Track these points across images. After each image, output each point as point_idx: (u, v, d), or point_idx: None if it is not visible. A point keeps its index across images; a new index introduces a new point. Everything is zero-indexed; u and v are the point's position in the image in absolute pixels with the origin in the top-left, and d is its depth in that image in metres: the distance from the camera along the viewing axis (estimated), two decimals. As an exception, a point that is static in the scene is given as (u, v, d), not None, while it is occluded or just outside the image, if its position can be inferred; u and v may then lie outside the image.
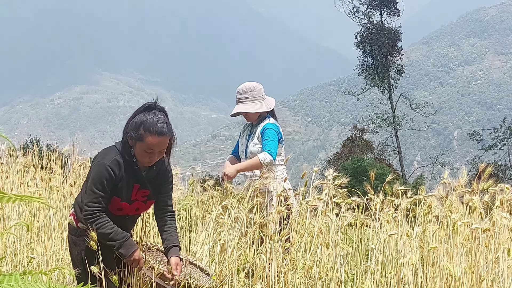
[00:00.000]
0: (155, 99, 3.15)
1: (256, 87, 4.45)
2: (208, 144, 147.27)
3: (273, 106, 4.50)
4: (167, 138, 3.07)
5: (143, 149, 3.05)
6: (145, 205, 3.23)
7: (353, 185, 4.14)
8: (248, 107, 4.43)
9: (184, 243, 4.46)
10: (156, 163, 3.17)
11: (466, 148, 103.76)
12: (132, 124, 3.06)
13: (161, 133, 3.02)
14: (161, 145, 3.06)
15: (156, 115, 3.06)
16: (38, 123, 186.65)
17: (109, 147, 3.19)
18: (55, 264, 4.21)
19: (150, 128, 3.01)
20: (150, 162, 3.11)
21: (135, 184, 3.14)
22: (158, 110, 3.10)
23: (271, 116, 4.51)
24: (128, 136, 3.07)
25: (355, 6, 33.51)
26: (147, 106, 3.10)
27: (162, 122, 3.04)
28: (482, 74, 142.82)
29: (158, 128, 3.02)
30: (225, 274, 3.56)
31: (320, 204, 3.72)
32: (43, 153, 6.00)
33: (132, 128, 3.05)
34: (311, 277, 3.48)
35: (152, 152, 3.06)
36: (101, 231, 3.00)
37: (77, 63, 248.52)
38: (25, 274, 2.31)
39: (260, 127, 4.43)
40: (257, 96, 4.42)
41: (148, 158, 3.09)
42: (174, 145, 3.19)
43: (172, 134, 3.10)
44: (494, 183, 3.55)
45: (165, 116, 3.10)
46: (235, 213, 3.81)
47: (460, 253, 3.33)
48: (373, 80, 32.06)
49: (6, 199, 2.16)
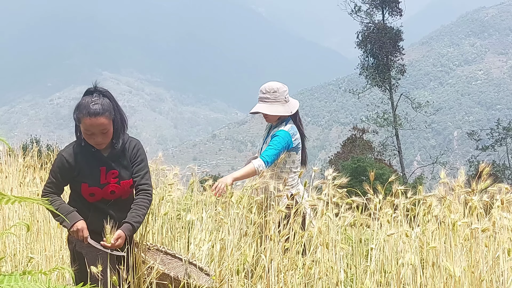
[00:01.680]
0: (95, 83, 3.19)
1: (280, 89, 4.25)
2: (208, 144, 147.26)
3: (295, 110, 4.31)
4: (101, 118, 3.07)
5: (84, 131, 3.13)
6: (120, 186, 3.21)
7: (353, 185, 4.13)
8: (267, 108, 4.25)
9: (184, 243, 4.45)
10: (117, 142, 3.19)
11: (466, 148, 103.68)
12: (74, 108, 3.14)
13: (92, 114, 3.06)
14: (97, 125, 3.08)
15: (93, 97, 3.11)
16: (38, 123, 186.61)
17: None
18: (54, 264, 4.21)
19: (83, 109, 3.08)
20: (97, 143, 3.15)
21: (101, 167, 3.17)
22: (98, 92, 3.14)
23: (292, 120, 4.33)
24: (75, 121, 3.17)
25: (357, 5, 33.55)
26: (87, 90, 3.17)
27: (96, 103, 3.08)
28: (482, 74, 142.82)
29: (90, 109, 3.07)
30: (224, 274, 3.56)
31: (320, 204, 3.72)
32: (42, 153, 6.00)
33: (73, 113, 3.13)
34: (311, 277, 3.48)
35: (92, 133, 3.10)
36: (50, 209, 3.01)
37: (77, 63, 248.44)
38: (25, 274, 2.31)
39: (275, 131, 4.28)
40: (279, 98, 4.24)
41: (92, 139, 3.13)
42: (122, 124, 3.20)
43: (109, 114, 3.10)
44: (493, 183, 3.54)
45: (102, 97, 3.13)
46: (235, 212, 3.81)
47: (460, 253, 3.33)
48: (374, 80, 32.08)
49: (6, 200, 2.16)
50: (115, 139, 3.19)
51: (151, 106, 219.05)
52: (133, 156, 3.25)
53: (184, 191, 4.73)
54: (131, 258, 3.30)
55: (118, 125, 3.18)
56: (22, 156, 5.63)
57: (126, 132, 3.31)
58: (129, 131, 3.33)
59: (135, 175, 3.24)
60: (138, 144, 3.29)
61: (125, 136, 3.26)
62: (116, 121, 3.17)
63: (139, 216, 3.16)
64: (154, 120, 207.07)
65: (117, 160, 3.21)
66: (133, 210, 3.18)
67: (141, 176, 3.24)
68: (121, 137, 3.21)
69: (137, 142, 3.30)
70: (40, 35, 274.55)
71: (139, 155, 3.26)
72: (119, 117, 3.19)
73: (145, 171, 3.26)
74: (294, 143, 4.26)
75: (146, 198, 3.22)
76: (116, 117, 3.17)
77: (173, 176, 4.35)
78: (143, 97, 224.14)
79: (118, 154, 3.21)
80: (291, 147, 4.24)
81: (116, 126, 3.17)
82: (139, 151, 3.27)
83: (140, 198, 3.21)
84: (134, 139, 3.31)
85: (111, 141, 3.19)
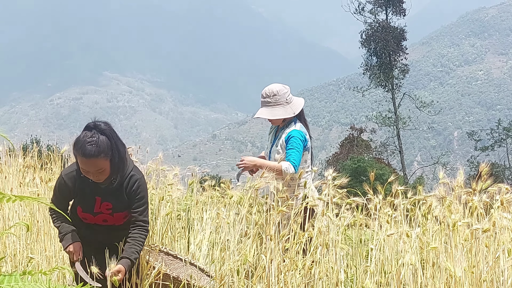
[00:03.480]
0: (93, 119, 3.14)
1: (280, 91, 4.20)
2: (208, 144, 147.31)
3: (299, 110, 4.25)
4: (96, 160, 3.00)
5: (81, 168, 3.08)
6: (113, 217, 3.23)
7: (353, 185, 4.13)
8: (268, 113, 4.21)
9: (184, 243, 4.45)
10: (115, 179, 3.15)
11: (466, 148, 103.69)
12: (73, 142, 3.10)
13: (85, 155, 2.99)
14: (90, 166, 3.02)
15: (91, 135, 3.02)
16: (38, 123, 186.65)
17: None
18: (55, 264, 4.21)
19: (78, 149, 3.01)
20: (93, 179, 3.12)
21: (97, 197, 3.18)
22: (97, 129, 3.05)
23: (298, 120, 4.28)
24: None
25: (361, 4, 33.57)
26: (87, 125, 3.09)
27: (91, 143, 2.99)
28: (482, 74, 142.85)
29: (84, 150, 2.99)
30: (224, 274, 3.56)
31: (320, 204, 3.72)
32: (42, 153, 5.99)
33: (72, 147, 3.09)
34: (311, 278, 3.48)
35: (87, 171, 3.06)
36: (54, 226, 3.31)
37: (77, 63, 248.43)
38: (25, 275, 2.31)
39: (285, 133, 4.20)
40: (280, 101, 4.19)
41: (89, 176, 3.10)
42: (121, 161, 3.12)
43: (105, 155, 3.02)
44: (493, 183, 3.54)
45: (100, 135, 3.03)
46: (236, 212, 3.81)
47: (460, 253, 3.33)
48: (377, 79, 32.09)
49: (6, 199, 2.16)
50: (113, 176, 3.14)
51: (151, 106, 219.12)
52: (133, 193, 3.19)
53: (184, 191, 4.73)
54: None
55: (115, 164, 3.10)
56: (22, 156, 5.62)
57: (134, 165, 3.28)
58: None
59: (134, 211, 3.21)
60: (140, 180, 3.21)
61: (127, 169, 3.19)
62: (113, 160, 3.07)
63: (137, 252, 3.17)
64: (154, 120, 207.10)
65: (114, 193, 3.18)
66: (132, 245, 3.17)
67: (140, 213, 3.21)
68: (120, 174, 3.16)
69: (138, 178, 3.21)
70: (40, 35, 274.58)
71: (139, 192, 3.20)
72: (117, 155, 3.09)
73: (144, 207, 3.23)
74: (307, 142, 4.24)
75: (143, 233, 3.21)
76: (114, 156, 3.07)
77: (173, 176, 4.35)
78: (143, 97, 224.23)
79: (116, 188, 3.18)
80: (306, 145, 4.22)
81: (113, 165, 3.09)
82: (140, 188, 3.20)
83: (138, 234, 3.20)
84: (137, 174, 3.22)
85: (110, 176, 3.16)
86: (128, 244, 3.18)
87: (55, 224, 3.27)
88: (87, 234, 3.28)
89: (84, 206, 3.21)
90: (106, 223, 3.25)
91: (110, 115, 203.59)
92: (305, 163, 4.26)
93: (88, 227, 3.27)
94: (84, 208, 3.21)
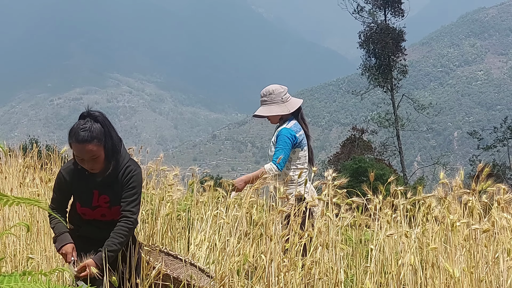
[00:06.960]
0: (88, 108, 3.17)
1: (276, 91, 4.46)
2: (208, 144, 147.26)
3: (295, 108, 4.45)
4: (89, 145, 3.03)
5: (75, 156, 3.12)
6: (110, 211, 3.23)
7: (354, 186, 4.14)
8: (264, 111, 4.46)
9: (184, 243, 4.46)
10: (111, 168, 3.14)
11: (466, 148, 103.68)
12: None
13: (79, 141, 3.03)
14: (85, 152, 3.04)
15: (84, 122, 3.07)
16: (38, 124, 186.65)
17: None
18: (54, 264, 4.21)
19: (72, 136, 3.06)
20: (88, 168, 3.12)
21: (94, 190, 3.19)
22: (90, 117, 3.09)
23: (294, 118, 4.47)
24: None
25: (359, 5, 33.53)
26: (81, 114, 3.14)
27: (85, 130, 3.04)
28: (482, 74, 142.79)
29: (77, 135, 3.04)
30: (224, 274, 3.56)
31: (320, 205, 3.72)
32: (42, 153, 6.00)
33: (67, 137, 3.13)
34: (311, 278, 3.48)
35: (82, 159, 3.08)
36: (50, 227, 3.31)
37: (78, 64, 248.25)
38: (25, 275, 2.31)
39: (277, 132, 4.42)
40: (275, 99, 4.43)
41: (83, 164, 3.11)
42: (114, 149, 3.12)
43: (98, 140, 3.05)
44: (492, 183, 3.55)
45: (93, 122, 3.07)
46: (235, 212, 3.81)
47: (460, 254, 3.33)
48: (376, 80, 32.08)
49: (4, 202, 2.16)
50: (107, 166, 3.14)
51: (151, 106, 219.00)
52: (125, 183, 3.17)
53: (184, 191, 4.74)
54: (134, 259, 3.31)
55: (109, 150, 3.11)
56: (22, 157, 5.63)
57: (130, 157, 3.26)
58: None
59: (122, 200, 3.17)
60: (134, 171, 3.19)
61: (123, 161, 3.19)
62: (107, 146, 3.09)
63: (114, 244, 3.10)
64: (154, 121, 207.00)
65: (110, 185, 3.18)
66: (111, 238, 3.13)
67: (127, 203, 3.16)
68: (113, 162, 3.14)
69: (133, 169, 3.19)
70: (40, 36, 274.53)
71: (131, 182, 3.17)
72: (111, 143, 3.11)
73: (133, 199, 3.17)
74: (298, 139, 4.36)
75: (126, 225, 3.13)
76: (107, 143, 3.09)
77: (173, 176, 4.35)
78: (143, 97, 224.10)
79: (111, 179, 3.17)
80: (296, 142, 4.33)
81: (107, 152, 3.11)
82: (132, 178, 3.17)
83: (120, 226, 3.14)
84: (133, 165, 3.22)
85: (105, 166, 3.16)
86: (110, 236, 3.14)
87: (51, 224, 3.28)
88: (87, 231, 3.28)
89: (82, 200, 3.22)
90: (104, 218, 3.25)
91: (110, 115, 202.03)
92: (299, 160, 4.38)
93: (88, 224, 3.27)
94: (83, 203, 3.22)
